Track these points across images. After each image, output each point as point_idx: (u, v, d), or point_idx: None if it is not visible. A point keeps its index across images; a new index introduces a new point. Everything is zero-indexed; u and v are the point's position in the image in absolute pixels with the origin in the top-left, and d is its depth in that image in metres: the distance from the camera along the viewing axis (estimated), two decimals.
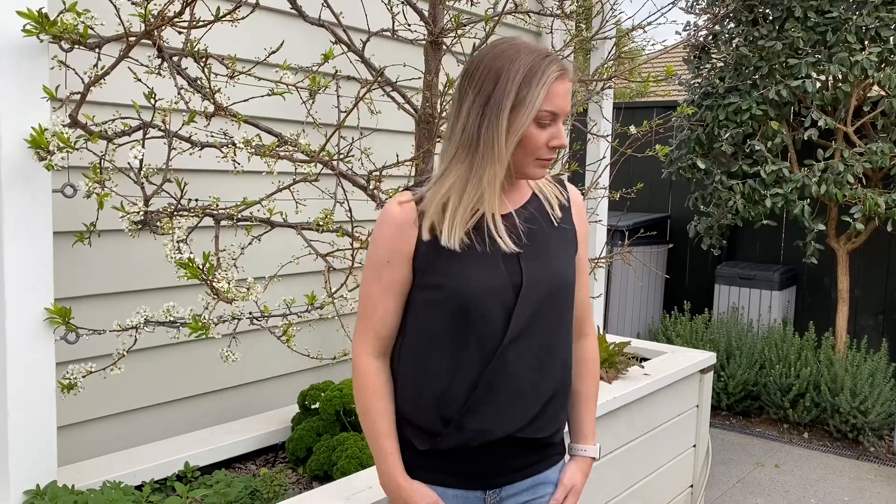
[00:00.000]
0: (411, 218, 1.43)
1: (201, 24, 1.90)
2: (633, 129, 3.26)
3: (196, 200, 2.08)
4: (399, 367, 1.50)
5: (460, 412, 1.43)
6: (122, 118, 1.91)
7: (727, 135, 4.97)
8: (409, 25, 2.63)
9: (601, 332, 3.41)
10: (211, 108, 1.94)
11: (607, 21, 3.40)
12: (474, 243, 1.42)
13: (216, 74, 1.99)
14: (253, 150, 1.92)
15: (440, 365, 1.44)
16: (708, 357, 3.45)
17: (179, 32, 1.93)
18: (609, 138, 3.90)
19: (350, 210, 2.29)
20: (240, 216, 2.04)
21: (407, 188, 1.50)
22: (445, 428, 1.45)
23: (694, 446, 3.48)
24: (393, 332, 1.50)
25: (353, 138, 2.42)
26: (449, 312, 1.42)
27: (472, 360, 1.42)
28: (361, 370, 1.48)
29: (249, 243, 2.14)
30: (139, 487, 2.08)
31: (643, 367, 3.16)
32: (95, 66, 1.80)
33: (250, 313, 2.13)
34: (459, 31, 2.52)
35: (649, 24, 3.21)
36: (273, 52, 2.10)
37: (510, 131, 1.37)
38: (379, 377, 1.49)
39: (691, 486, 3.52)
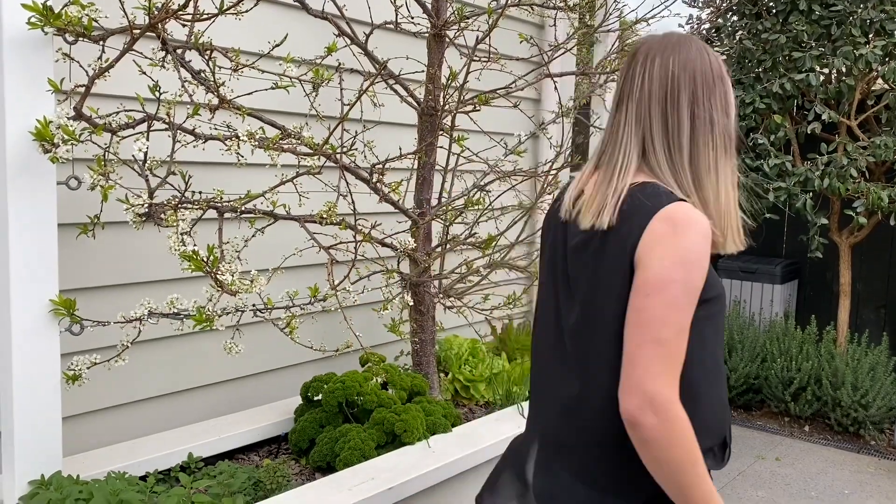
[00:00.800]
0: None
1: (205, 16, 1.90)
2: None
3: (200, 193, 2.08)
4: (691, 396, 1.30)
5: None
6: (126, 111, 1.92)
7: None
8: (413, 18, 2.63)
9: None
10: (215, 101, 1.95)
11: (611, 14, 3.39)
12: None
13: (220, 67, 1.99)
14: (256, 142, 1.93)
15: (722, 381, 1.38)
16: None
17: (183, 25, 1.93)
18: None
19: (353, 203, 2.30)
20: (243, 209, 2.05)
21: (677, 198, 1.30)
22: (729, 441, 1.41)
23: None
24: None
25: (356, 131, 2.42)
26: (721, 323, 1.37)
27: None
28: (682, 417, 1.21)
29: (253, 236, 2.15)
30: (143, 478, 2.09)
31: None
32: (100, 58, 1.81)
33: (254, 305, 2.14)
34: (462, 24, 2.52)
35: (653, 16, 3.21)
36: (277, 45, 2.10)
37: (734, 125, 1.39)
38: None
39: None
